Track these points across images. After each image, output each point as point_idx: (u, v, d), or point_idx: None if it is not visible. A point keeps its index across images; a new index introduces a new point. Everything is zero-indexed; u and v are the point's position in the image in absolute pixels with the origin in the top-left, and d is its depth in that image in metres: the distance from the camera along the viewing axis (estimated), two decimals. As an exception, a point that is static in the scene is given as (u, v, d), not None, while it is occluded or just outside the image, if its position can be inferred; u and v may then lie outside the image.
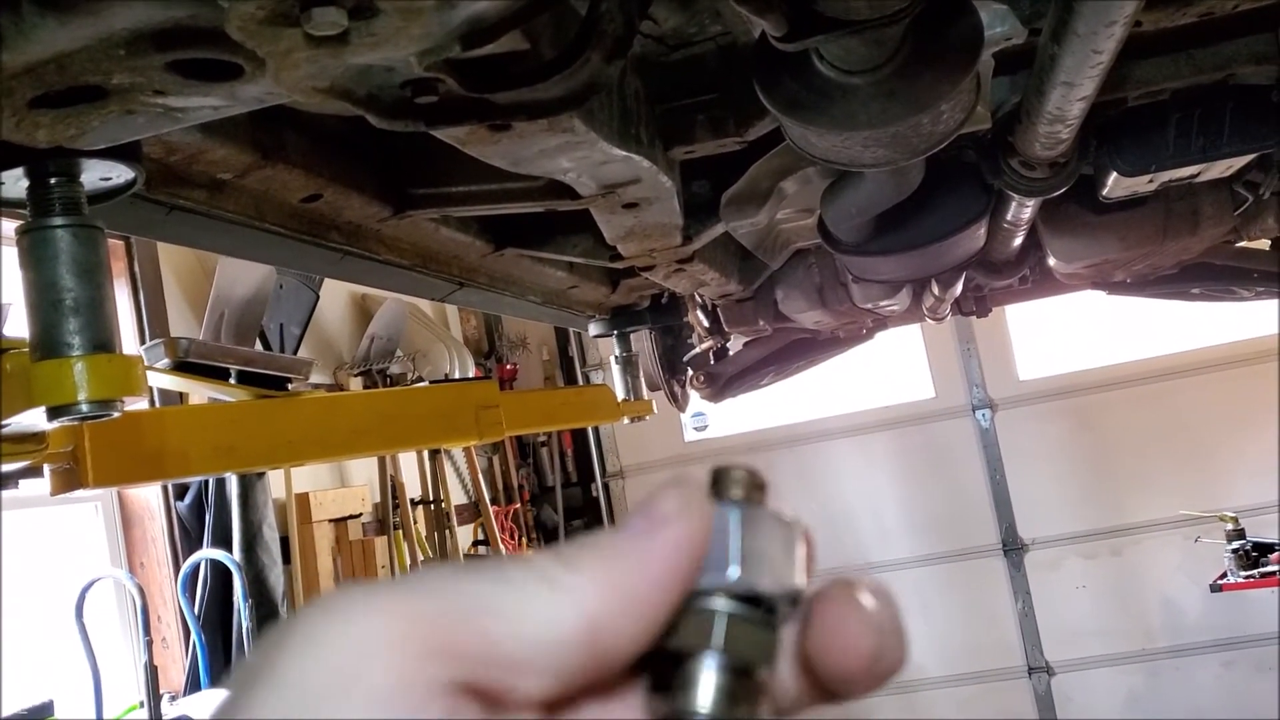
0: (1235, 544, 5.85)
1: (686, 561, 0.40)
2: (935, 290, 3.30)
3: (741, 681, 0.41)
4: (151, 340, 4.31)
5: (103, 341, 1.17)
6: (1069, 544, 7.88)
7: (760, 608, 0.42)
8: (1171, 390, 7.65)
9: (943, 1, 1.29)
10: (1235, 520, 5.93)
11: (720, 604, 0.41)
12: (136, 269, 4.94)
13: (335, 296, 6.58)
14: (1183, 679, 7.64)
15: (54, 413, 1.20)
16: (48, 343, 1.15)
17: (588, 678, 0.39)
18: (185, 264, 5.28)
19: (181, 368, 2.56)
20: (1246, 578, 5.82)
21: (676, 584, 0.40)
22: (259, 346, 5.15)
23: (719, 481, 0.44)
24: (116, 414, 1.24)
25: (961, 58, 1.33)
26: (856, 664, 0.42)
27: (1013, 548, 7.96)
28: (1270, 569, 5.75)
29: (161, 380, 2.66)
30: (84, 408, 1.19)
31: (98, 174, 1.21)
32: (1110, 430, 7.76)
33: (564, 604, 0.38)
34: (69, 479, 2.02)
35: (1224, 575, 5.95)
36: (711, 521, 0.42)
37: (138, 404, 1.40)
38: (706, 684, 0.41)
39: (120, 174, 1.23)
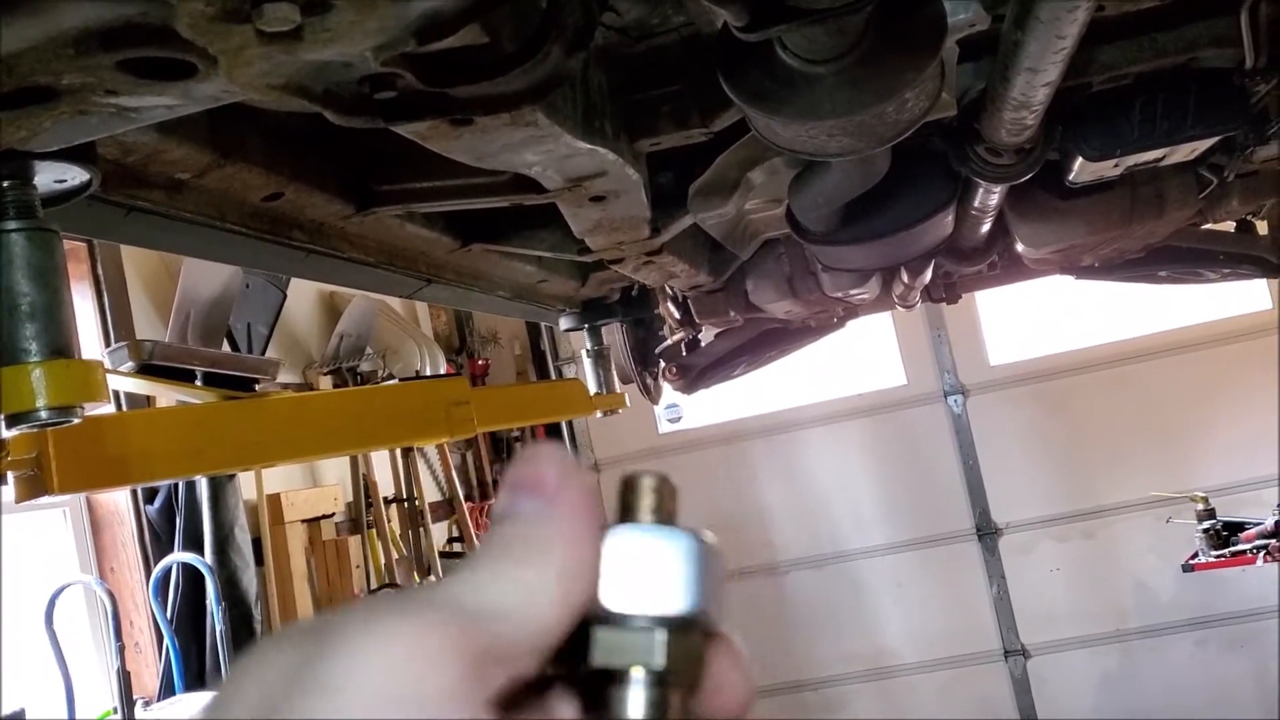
0: (1206, 524, 5.89)
1: (593, 517, 0.45)
2: (905, 278, 3.30)
3: (669, 695, 0.44)
4: (116, 343, 4.26)
5: (61, 346, 1.16)
6: (1042, 527, 7.93)
7: (680, 627, 0.44)
8: (1141, 372, 7.71)
9: (905, -11, 1.28)
10: (1206, 500, 5.98)
11: (643, 623, 0.44)
12: (100, 271, 4.88)
13: (303, 295, 6.53)
14: (1156, 659, 7.71)
15: (13, 420, 1.18)
16: (4, 349, 1.13)
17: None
18: (149, 265, 5.23)
19: (147, 370, 2.52)
20: (1218, 557, 5.86)
21: (595, 536, 0.45)
22: (226, 347, 5.10)
23: (629, 493, 0.46)
24: (77, 420, 1.22)
25: (925, 45, 1.32)
26: (738, 711, 0.48)
27: (987, 532, 8.01)
28: (1240, 548, 5.80)
29: (126, 384, 2.63)
30: (43, 414, 1.17)
31: (52, 176, 1.19)
32: (1081, 413, 7.81)
33: (544, 598, 0.43)
34: (34, 485, 1.99)
35: (1195, 555, 5.99)
36: (579, 474, 0.46)
37: (101, 408, 1.38)
38: (636, 699, 0.43)
39: (75, 176, 1.21)
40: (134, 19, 0.87)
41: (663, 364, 4.21)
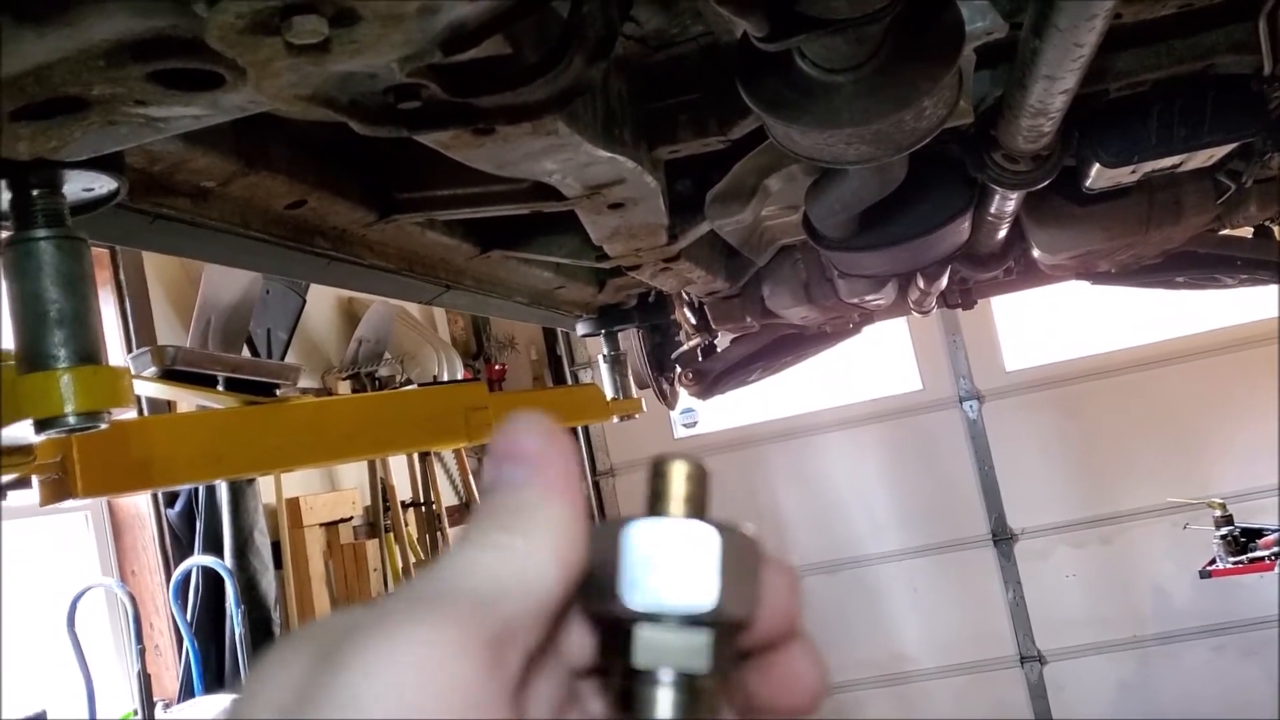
0: (1223, 530, 5.87)
1: (575, 479, 0.46)
2: (921, 284, 3.30)
3: (697, 695, 0.44)
4: (138, 348, 4.30)
5: (89, 353, 1.17)
6: (1058, 533, 7.91)
7: (715, 626, 0.44)
8: (1158, 378, 7.68)
9: (923, -3, 1.29)
10: (1223, 506, 5.95)
11: (680, 622, 0.43)
12: (122, 277, 4.92)
13: (322, 300, 6.57)
14: (1173, 665, 7.68)
15: (41, 425, 1.19)
16: (34, 355, 1.15)
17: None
18: (171, 271, 5.26)
19: (169, 375, 2.54)
20: (1235, 564, 5.84)
21: (579, 497, 0.46)
22: (246, 352, 5.13)
23: (660, 479, 0.46)
24: (104, 425, 1.23)
25: (943, 54, 1.33)
26: (808, 705, 0.50)
27: (1002, 538, 7.99)
28: (1258, 554, 5.77)
29: (149, 388, 2.65)
30: (71, 420, 1.18)
31: (80, 185, 1.21)
32: (1097, 419, 7.79)
33: (538, 562, 0.43)
34: (58, 489, 2.01)
35: (1212, 561, 5.97)
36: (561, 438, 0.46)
37: (125, 413, 1.40)
38: (669, 700, 0.43)
39: (103, 184, 1.22)
40: (164, 31, 0.89)
41: (679, 369, 4.22)
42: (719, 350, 4.29)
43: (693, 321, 3.71)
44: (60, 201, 1.18)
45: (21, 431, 1.29)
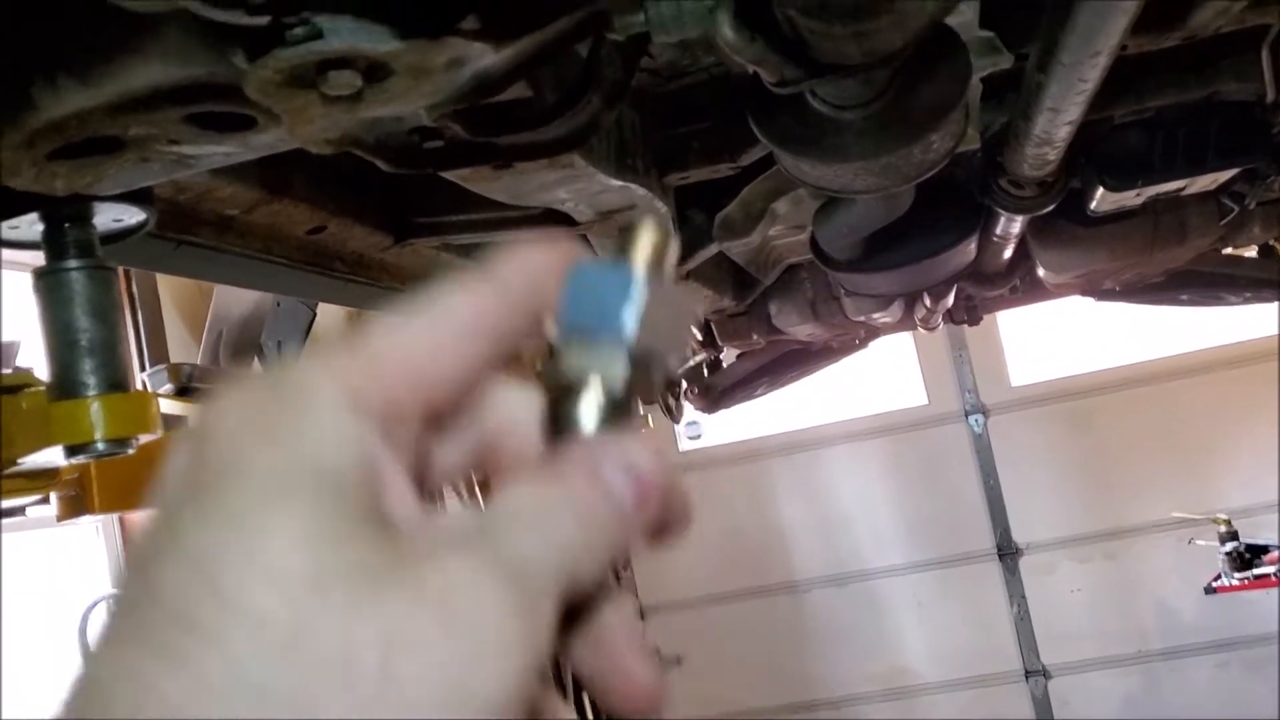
0: (1228, 546, 5.88)
1: (533, 288, 0.45)
2: (927, 302, 3.33)
3: (616, 409, 0.46)
4: (152, 363, 4.33)
5: (117, 381, 1.20)
6: (1063, 548, 7.91)
7: (641, 356, 0.46)
8: (1164, 393, 7.69)
9: (931, 37, 1.32)
10: (1228, 522, 5.96)
11: (601, 341, 0.46)
12: (134, 291, 4.95)
13: (333, 313, 6.59)
14: (1178, 680, 7.67)
15: (71, 451, 1.23)
16: (65, 383, 1.18)
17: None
18: (182, 284, 5.29)
19: (184, 392, 2.58)
20: (1240, 580, 5.84)
21: (520, 301, 0.44)
22: (257, 365, 5.16)
23: (628, 240, 0.48)
24: (131, 450, 1.27)
25: (951, 90, 1.36)
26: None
27: (1008, 552, 7.99)
28: (1263, 571, 5.78)
29: (165, 406, 2.67)
30: (100, 446, 1.22)
31: (110, 216, 1.24)
32: (1103, 434, 7.79)
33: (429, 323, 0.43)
34: (75, 505, 2.05)
35: (1218, 577, 5.98)
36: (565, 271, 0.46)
37: (150, 438, 1.43)
38: (589, 405, 0.45)
39: (132, 216, 1.25)
40: (202, 78, 0.92)
41: (685, 384, 4.25)
42: (725, 365, 4.32)
43: (699, 338, 3.75)
44: (91, 232, 1.22)
45: (48, 455, 1.32)
